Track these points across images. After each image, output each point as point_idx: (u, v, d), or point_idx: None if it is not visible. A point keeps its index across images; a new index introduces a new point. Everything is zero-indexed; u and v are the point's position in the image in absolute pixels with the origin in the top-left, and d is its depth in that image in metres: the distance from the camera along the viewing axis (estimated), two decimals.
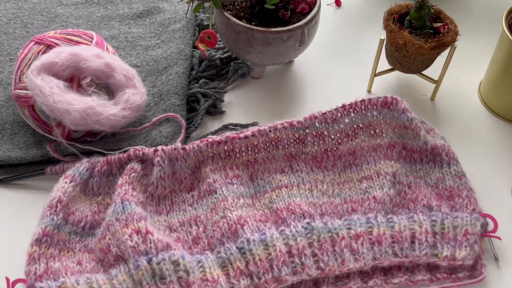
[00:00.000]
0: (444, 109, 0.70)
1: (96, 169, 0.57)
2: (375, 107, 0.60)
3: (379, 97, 0.59)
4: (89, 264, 0.52)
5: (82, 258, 0.52)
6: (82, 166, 0.56)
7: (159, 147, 0.57)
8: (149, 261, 0.49)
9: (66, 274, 0.49)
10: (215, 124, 0.69)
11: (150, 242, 0.50)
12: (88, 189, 0.57)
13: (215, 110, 0.70)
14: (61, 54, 0.58)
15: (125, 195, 0.54)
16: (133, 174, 0.56)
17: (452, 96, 0.72)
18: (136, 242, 0.50)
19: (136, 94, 0.60)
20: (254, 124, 0.69)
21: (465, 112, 0.70)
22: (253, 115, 0.70)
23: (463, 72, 0.75)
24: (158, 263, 0.49)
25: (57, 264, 0.50)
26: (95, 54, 0.59)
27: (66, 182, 0.54)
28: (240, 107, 0.71)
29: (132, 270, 0.49)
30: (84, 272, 0.51)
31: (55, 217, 0.52)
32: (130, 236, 0.51)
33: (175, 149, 0.57)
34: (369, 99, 0.60)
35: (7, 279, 0.47)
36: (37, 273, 0.49)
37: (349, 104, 0.60)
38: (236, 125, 0.68)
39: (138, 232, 0.51)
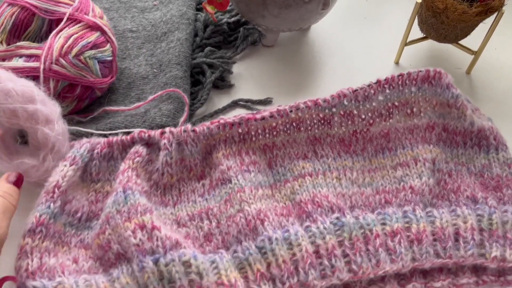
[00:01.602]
0: (482, 85, 0.62)
1: (96, 151, 0.48)
2: (414, 82, 0.51)
3: (420, 71, 0.51)
4: (86, 262, 0.44)
5: (79, 255, 0.44)
6: (82, 147, 0.48)
7: (167, 129, 0.49)
8: (156, 262, 0.42)
9: (63, 273, 0.41)
10: (223, 100, 0.60)
11: (157, 240, 0.43)
12: (86, 174, 0.49)
13: (222, 84, 0.61)
14: None
15: (127, 182, 0.46)
16: (137, 159, 0.48)
17: (491, 69, 0.64)
18: (140, 239, 0.43)
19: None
20: (267, 100, 0.60)
21: (506, 88, 0.62)
22: (266, 89, 0.62)
23: (502, 41, 0.66)
24: (166, 265, 0.41)
25: (52, 260, 0.42)
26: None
27: (65, 165, 0.46)
28: (250, 80, 0.62)
29: (136, 272, 0.42)
30: (81, 272, 0.43)
31: (52, 205, 0.44)
32: (133, 232, 0.43)
33: (185, 131, 0.49)
34: (408, 73, 0.51)
35: None
36: (29, 269, 0.41)
37: (385, 80, 0.51)
38: (247, 101, 0.60)
39: (142, 227, 0.43)
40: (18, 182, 0.44)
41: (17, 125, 0.46)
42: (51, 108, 0.47)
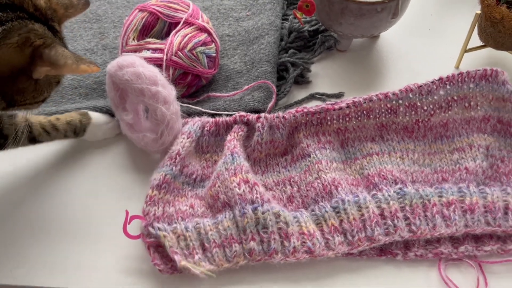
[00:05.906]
0: None
1: (206, 129, 0.60)
2: (472, 79, 0.60)
3: (478, 70, 0.59)
4: (200, 208, 0.55)
5: (194, 203, 0.56)
6: (195, 124, 0.60)
7: (262, 115, 0.60)
8: (254, 210, 0.52)
9: (178, 219, 0.53)
10: (301, 93, 0.71)
11: (256, 193, 0.53)
12: (198, 147, 0.61)
13: (302, 80, 0.72)
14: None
15: (234, 148, 0.57)
16: (240, 133, 0.59)
17: None
18: (243, 190, 0.53)
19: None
20: (340, 94, 0.70)
21: None
22: (338, 86, 0.72)
23: None
24: (263, 213, 0.52)
25: (171, 209, 0.54)
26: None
27: (184, 138, 0.58)
28: (325, 78, 0.73)
29: (238, 217, 0.52)
30: (195, 216, 0.54)
31: (174, 167, 0.56)
32: (238, 184, 0.54)
33: (277, 117, 0.59)
34: (467, 72, 0.60)
35: (127, 212, 0.51)
36: (156, 214, 0.53)
37: (446, 77, 0.60)
38: (322, 94, 0.70)
39: (246, 182, 0.54)
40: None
41: (142, 102, 0.58)
42: (169, 91, 0.58)
